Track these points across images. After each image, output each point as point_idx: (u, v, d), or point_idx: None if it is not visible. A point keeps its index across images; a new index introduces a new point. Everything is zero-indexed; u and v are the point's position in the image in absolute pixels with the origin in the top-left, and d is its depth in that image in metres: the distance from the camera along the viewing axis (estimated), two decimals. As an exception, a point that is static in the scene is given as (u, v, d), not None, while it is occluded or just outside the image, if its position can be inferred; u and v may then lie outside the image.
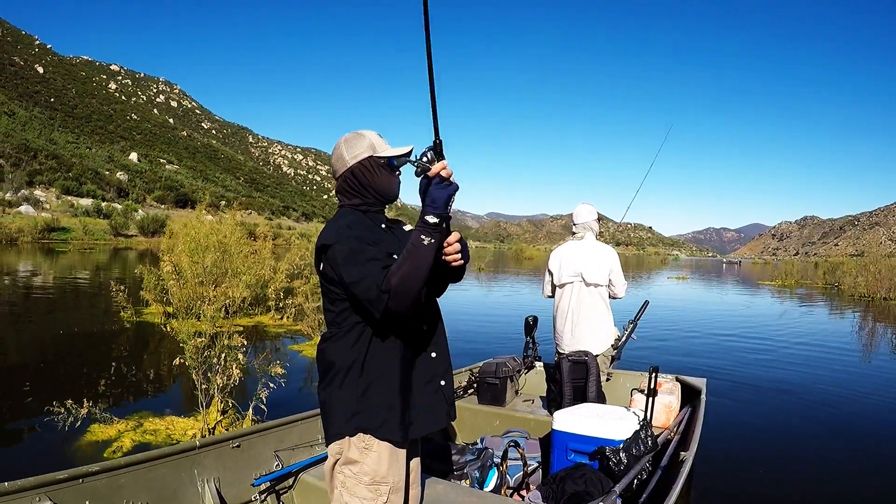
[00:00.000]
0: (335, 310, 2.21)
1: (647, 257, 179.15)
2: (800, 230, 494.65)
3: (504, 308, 18.42)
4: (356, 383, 2.16)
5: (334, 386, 2.20)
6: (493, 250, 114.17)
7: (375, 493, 2.20)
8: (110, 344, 9.54)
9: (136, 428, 5.35)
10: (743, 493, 4.73)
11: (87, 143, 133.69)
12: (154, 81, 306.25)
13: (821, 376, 9.31)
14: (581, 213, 5.18)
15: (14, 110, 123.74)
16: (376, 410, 2.16)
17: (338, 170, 2.34)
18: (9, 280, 19.66)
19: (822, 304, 24.77)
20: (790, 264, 50.17)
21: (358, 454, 2.18)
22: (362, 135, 2.31)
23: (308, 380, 7.71)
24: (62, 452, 4.85)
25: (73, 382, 7.15)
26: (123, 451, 4.86)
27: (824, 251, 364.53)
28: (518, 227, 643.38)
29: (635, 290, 26.94)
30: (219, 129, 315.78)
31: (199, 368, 5.21)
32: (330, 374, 2.22)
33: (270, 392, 5.16)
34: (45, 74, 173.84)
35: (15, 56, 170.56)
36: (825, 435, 6.41)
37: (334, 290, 2.18)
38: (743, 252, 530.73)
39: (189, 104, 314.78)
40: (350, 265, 2.07)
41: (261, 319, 12.11)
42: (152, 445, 4.95)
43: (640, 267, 71.68)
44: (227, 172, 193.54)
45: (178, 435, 5.28)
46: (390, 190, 2.35)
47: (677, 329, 14.56)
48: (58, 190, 77.91)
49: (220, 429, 5.24)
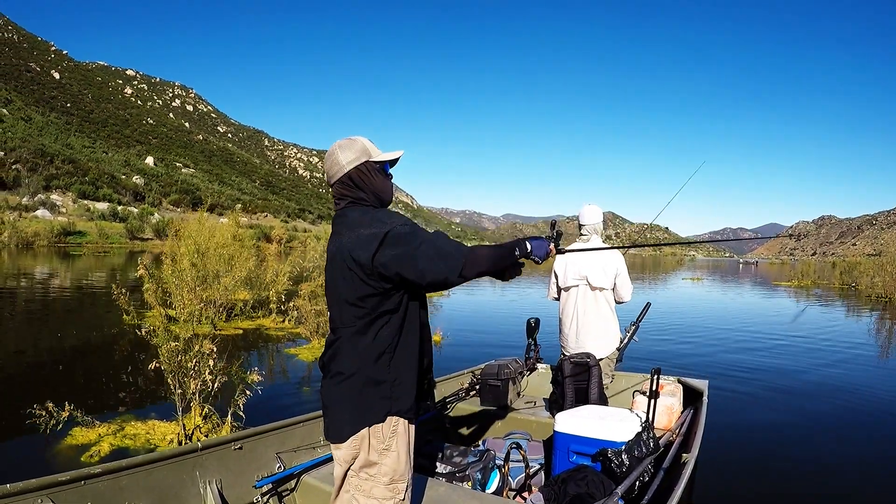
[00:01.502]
0: (366, 306, 2.22)
1: (663, 258, 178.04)
2: (817, 230, 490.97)
3: (508, 309, 18.42)
4: (387, 369, 2.23)
5: (360, 377, 2.23)
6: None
7: (393, 493, 2.26)
8: (106, 347, 9.56)
9: (116, 432, 5.32)
10: (745, 495, 4.71)
11: (103, 148, 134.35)
12: (170, 86, 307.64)
13: (826, 378, 9.22)
14: (587, 214, 5.08)
15: (31, 115, 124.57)
16: (406, 394, 2.27)
17: (334, 175, 2.37)
18: (15, 283, 19.79)
19: (837, 304, 24.50)
20: (807, 264, 49.80)
21: (377, 455, 2.23)
22: (355, 140, 2.37)
23: (304, 383, 7.71)
24: (41, 456, 4.84)
25: (61, 385, 7.15)
26: (100, 457, 4.83)
27: (842, 251, 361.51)
28: (534, 228, 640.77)
29: (646, 293, 26.81)
30: (234, 132, 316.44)
31: (174, 373, 5.18)
32: (354, 366, 2.25)
33: (270, 395, 5.15)
34: (62, 80, 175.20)
35: (31, 62, 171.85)
36: (828, 437, 6.37)
37: (372, 283, 2.20)
38: (760, 252, 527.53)
39: (205, 108, 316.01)
40: (425, 234, 2.20)
41: (262, 322, 12.11)
42: (129, 451, 4.95)
43: (656, 268, 71.21)
44: (243, 176, 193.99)
45: (157, 440, 5.25)
46: (386, 192, 2.41)
47: (680, 330, 14.51)
48: (74, 194, 78.42)
49: (199, 434, 5.21)
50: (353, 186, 2.34)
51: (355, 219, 2.28)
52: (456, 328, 12.70)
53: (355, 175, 2.33)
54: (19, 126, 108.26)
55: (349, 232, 2.25)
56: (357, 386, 2.23)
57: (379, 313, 2.22)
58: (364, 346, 2.22)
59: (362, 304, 2.22)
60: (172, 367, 5.16)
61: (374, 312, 2.22)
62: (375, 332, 2.22)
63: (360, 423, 2.22)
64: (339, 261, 2.27)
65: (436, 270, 2.12)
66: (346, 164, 2.33)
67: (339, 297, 2.29)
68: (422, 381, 2.38)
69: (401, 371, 2.26)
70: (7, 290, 17.03)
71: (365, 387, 2.22)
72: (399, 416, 2.25)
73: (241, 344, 10.16)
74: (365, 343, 2.22)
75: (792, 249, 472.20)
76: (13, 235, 42.40)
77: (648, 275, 49.76)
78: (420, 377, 2.36)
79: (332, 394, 2.29)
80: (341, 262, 2.25)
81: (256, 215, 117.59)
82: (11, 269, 25.88)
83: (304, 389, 7.39)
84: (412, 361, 2.30)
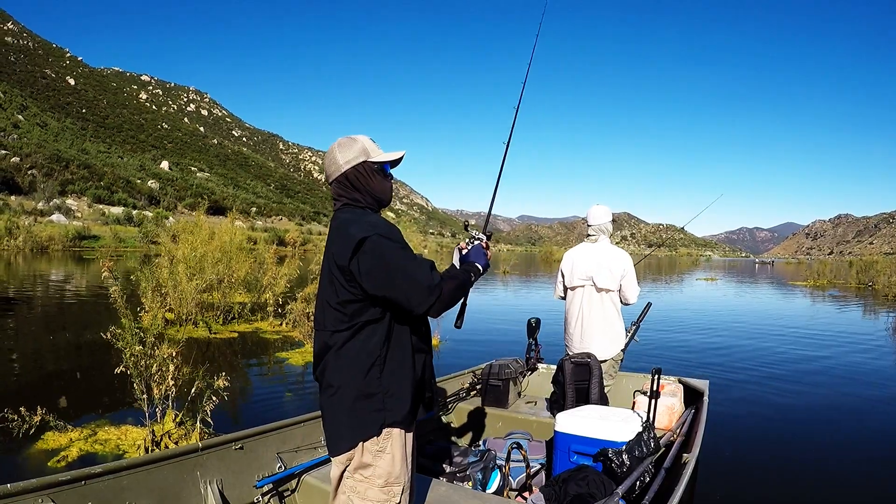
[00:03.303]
0: (346, 311, 2.21)
1: (678, 258, 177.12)
2: (834, 229, 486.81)
3: (508, 309, 18.44)
4: (378, 382, 2.20)
5: (351, 390, 2.21)
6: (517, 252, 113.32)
7: (388, 495, 2.24)
8: (88, 350, 9.42)
9: (88, 437, 5.21)
10: (746, 495, 4.70)
11: (118, 153, 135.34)
12: (185, 91, 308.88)
13: (830, 379, 9.15)
14: (595, 214, 5.05)
15: (46, 121, 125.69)
16: (400, 405, 2.23)
17: (331, 174, 2.36)
18: (14, 285, 19.79)
19: (853, 304, 24.20)
20: (823, 264, 49.27)
21: (371, 457, 2.21)
22: (355, 139, 2.35)
23: (288, 388, 7.61)
24: (13, 460, 4.78)
25: (38, 389, 7.07)
26: (68, 462, 4.76)
27: (859, 250, 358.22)
28: (549, 229, 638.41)
29: (658, 293, 26.67)
30: (249, 136, 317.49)
31: (140, 378, 5.06)
32: (343, 379, 2.23)
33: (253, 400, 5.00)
34: (77, 86, 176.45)
35: (47, 69, 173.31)
36: (830, 437, 6.34)
37: (351, 289, 2.19)
38: (776, 252, 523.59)
39: (219, 112, 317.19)
40: (402, 257, 2.15)
41: (259, 325, 11.98)
42: (98, 457, 4.86)
43: (672, 268, 70.71)
44: (258, 179, 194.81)
45: (126, 445, 5.13)
46: (384, 194, 2.39)
47: (684, 330, 14.45)
48: (89, 199, 78.99)
49: (169, 441, 5.06)
50: (349, 187, 2.33)
51: (345, 220, 2.27)
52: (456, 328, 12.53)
53: (352, 175, 2.32)
54: (35, 132, 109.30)
55: (337, 235, 2.25)
56: (349, 399, 2.21)
57: (362, 322, 2.20)
58: (352, 357, 2.21)
59: (343, 310, 2.21)
60: (139, 372, 5.06)
61: (356, 320, 2.20)
62: (361, 344, 2.20)
63: (354, 438, 2.21)
64: (326, 263, 2.29)
65: (403, 299, 2.14)
66: (344, 164, 2.32)
67: (323, 299, 2.29)
68: (421, 392, 2.34)
69: (393, 383, 2.22)
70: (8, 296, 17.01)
71: (356, 400, 2.20)
72: (394, 427, 2.23)
73: (234, 348, 10.05)
74: (352, 355, 2.20)
75: (808, 248, 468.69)
76: (28, 240, 42.68)
77: (664, 276, 49.46)
78: (418, 388, 2.31)
79: (326, 406, 2.29)
80: (328, 264, 2.27)
81: (271, 218, 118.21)
82: (16, 272, 25.96)
83: (286, 395, 7.24)
84: (406, 373, 2.26)
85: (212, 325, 11.09)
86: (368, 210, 2.34)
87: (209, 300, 11.75)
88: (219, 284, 11.80)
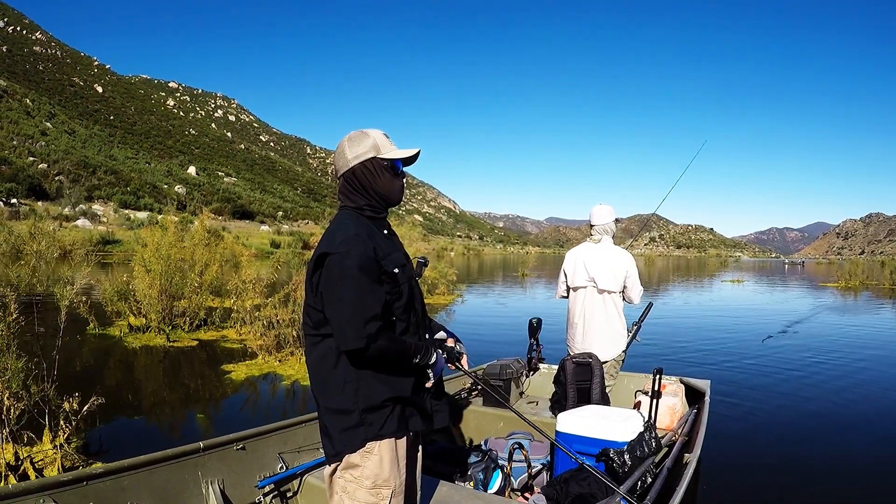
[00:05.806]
0: (313, 319, 2.22)
1: (707, 259, 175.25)
2: (865, 228, 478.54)
3: (509, 309, 18.42)
4: (354, 399, 2.16)
5: (330, 405, 2.20)
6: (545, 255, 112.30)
7: (377, 497, 2.21)
8: None
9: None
10: (748, 495, 4.67)
11: (146, 159, 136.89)
12: (212, 97, 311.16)
13: (834, 379, 9.02)
14: (597, 214, 5.03)
15: (74, 129, 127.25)
16: (381, 421, 2.18)
17: (339, 169, 2.30)
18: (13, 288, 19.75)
19: (885, 306, 23.41)
20: (855, 264, 48.42)
21: (359, 458, 2.19)
22: (367, 134, 2.27)
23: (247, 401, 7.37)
24: None
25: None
26: None
27: (891, 249, 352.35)
28: (578, 231, 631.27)
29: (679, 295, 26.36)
30: (276, 141, 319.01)
31: None
32: (322, 393, 2.23)
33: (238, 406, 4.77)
34: (105, 93, 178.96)
35: (75, 77, 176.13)
36: (832, 438, 6.27)
37: (315, 298, 2.18)
38: (807, 252, 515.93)
39: (247, 118, 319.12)
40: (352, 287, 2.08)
41: (226, 333, 11.46)
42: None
43: (701, 270, 69.53)
44: (285, 184, 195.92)
45: None
46: (392, 193, 2.32)
47: (685, 332, 14.30)
48: (115, 204, 79.77)
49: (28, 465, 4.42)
50: (353, 186, 2.28)
51: (331, 229, 2.24)
52: (456, 329, 12.50)
53: (360, 171, 2.26)
54: (63, 139, 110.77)
55: (321, 240, 2.23)
56: (329, 415, 2.22)
57: (324, 334, 2.18)
58: (325, 373, 2.19)
59: (310, 316, 2.22)
60: None
61: (320, 330, 2.18)
62: (331, 357, 2.17)
63: (339, 454, 2.21)
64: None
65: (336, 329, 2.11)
66: (353, 159, 2.25)
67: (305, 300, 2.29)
68: (413, 407, 2.29)
69: (373, 399, 2.17)
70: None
71: (335, 415, 2.20)
72: (379, 440, 2.19)
73: (189, 357, 9.72)
74: (325, 370, 2.19)
75: (839, 248, 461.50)
76: (50, 244, 43.16)
77: (693, 276, 48.90)
78: (407, 404, 2.26)
79: (320, 418, 2.30)
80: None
81: (298, 222, 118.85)
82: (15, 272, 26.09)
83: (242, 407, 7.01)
84: (385, 389, 2.19)
85: (169, 334, 10.82)
86: (367, 211, 2.29)
87: (178, 307, 11.41)
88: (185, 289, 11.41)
